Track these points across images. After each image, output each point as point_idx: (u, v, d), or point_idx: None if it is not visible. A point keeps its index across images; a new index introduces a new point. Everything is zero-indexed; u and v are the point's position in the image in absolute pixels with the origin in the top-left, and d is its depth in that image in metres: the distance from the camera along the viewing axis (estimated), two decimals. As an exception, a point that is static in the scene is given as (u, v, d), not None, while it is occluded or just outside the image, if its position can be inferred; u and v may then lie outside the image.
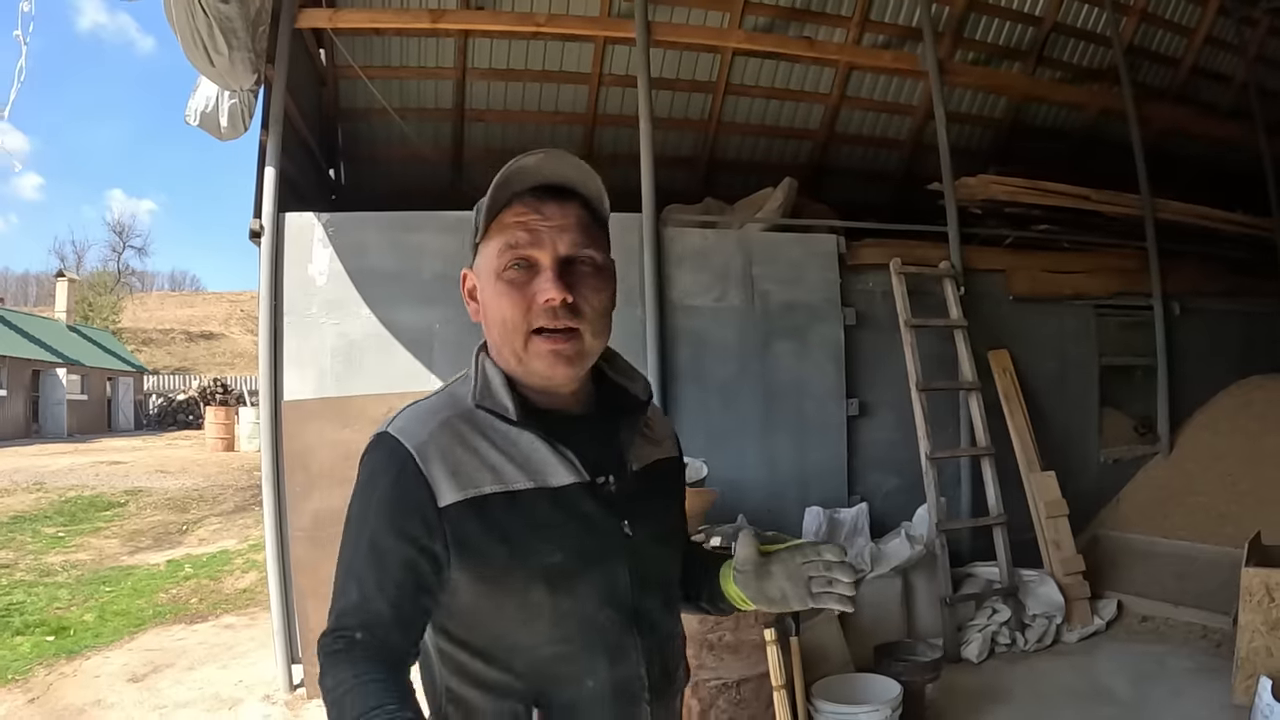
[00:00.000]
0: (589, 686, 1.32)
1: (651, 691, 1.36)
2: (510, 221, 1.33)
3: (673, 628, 1.47)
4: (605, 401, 1.46)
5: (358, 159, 8.77)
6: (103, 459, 18.12)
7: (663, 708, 1.41)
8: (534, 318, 1.30)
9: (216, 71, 5.10)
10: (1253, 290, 8.70)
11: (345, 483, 4.70)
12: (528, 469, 1.32)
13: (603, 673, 1.32)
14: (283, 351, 5.47)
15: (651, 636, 1.38)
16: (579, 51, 8.23)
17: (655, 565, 1.40)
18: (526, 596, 1.28)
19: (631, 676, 1.35)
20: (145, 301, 54.93)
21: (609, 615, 1.33)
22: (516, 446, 1.33)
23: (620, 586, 1.34)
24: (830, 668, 4.60)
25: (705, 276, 6.11)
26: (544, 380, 1.35)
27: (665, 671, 1.41)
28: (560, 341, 1.30)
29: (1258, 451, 7.15)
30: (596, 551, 1.33)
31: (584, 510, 1.32)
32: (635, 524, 1.36)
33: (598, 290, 1.34)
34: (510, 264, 1.32)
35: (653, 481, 1.45)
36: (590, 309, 1.32)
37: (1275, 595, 4.58)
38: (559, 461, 1.33)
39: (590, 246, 1.35)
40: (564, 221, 1.33)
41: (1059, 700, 4.96)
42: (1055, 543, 6.27)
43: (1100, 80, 9.62)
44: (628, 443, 1.42)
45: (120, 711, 5.13)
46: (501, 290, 1.32)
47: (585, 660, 1.32)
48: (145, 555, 9.65)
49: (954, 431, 6.63)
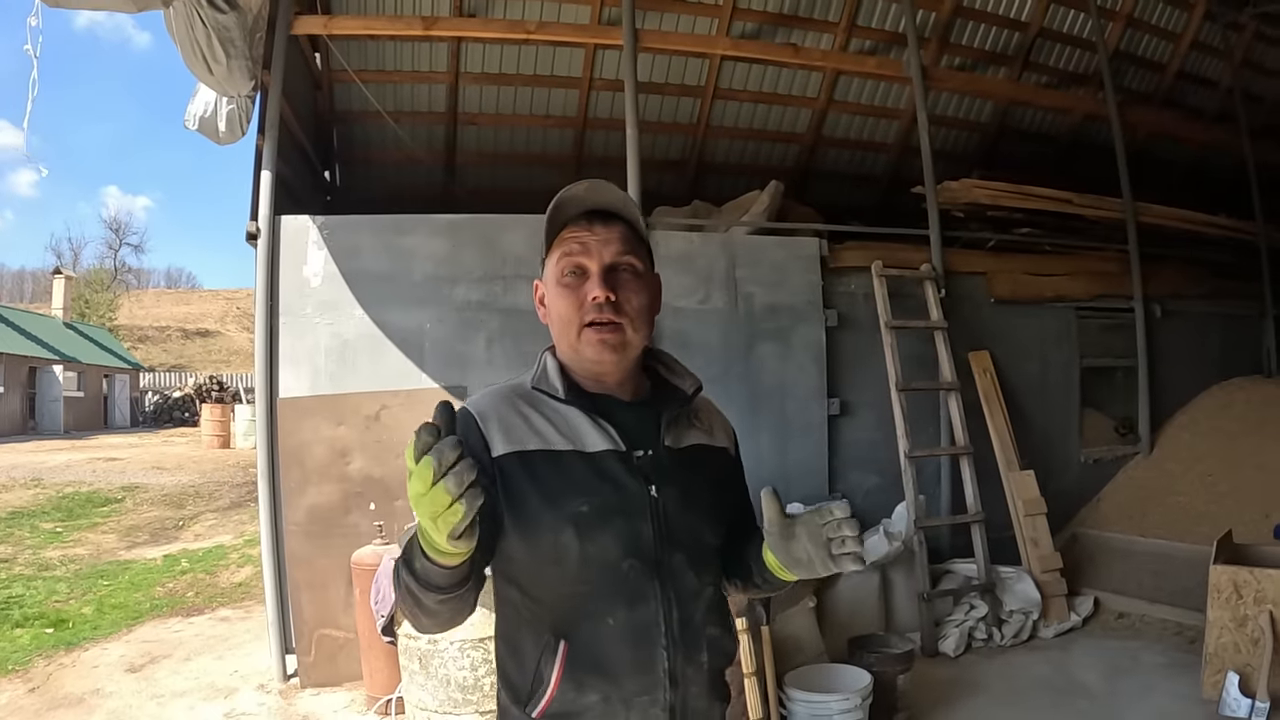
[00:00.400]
0: (609, 625, 1.52)
1: (669, 637, 1.55)
2: (567, 237, 1.61)
3: (699, 586, 1.62)
4: (657, 395, 1.71)
5: (351, 161, 8.89)
6: (99, 455, 18.16)
7: (687, 661, 1.58)
8: (585, 313, 1.57)
9: (215, 79, 5.22)
10: (1234, 293, 8.82)
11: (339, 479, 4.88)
12: (569, 435, 1.58)
13: (622, 614, 1.53)
14: (278, 350, 5.58)
15: (673, 588, 1.57)
16: (569, 56, 8.37)
17: (682, 528, 1.59)
18: (557, 539, 1.51)
19: (650, 621, 1.54)
20: (141, 299, 54.75)
21: (631, 564, 1.53)
22: (563, 418, 1.59)
23: (644, 540, 1.55)
24: (804, 658, 4.72)
25: (689, 279, 6.22)
26: (594, 365, 1.61)
27: (687, 622, 1.58)
28: (606, 332, 1.56)
29: (1236, 453, 7.27)
30: (622, 508, 1.55)
31: (614, 473, 1.56)
32: (663, 490, 1.58)
33: (638, 292, 1.61)
34: (567, 271, 1.60)
35: (690, 460, 1.66)
36: (631, 307, 1.59)
37: (1243, 592, 4.68)
38: (597, 432, 1.58)
39: (631, 255, 1.61)
40: (609, 235, 1.60)
41: (1032, 693, 5.07)
42: (1033, 540, 6.39)
43: (1085, 85, 9.74)
44: (666, 425, 1.64)
45: (118, 700, 5.24)
46: (560, 293, 1.60)
47: (606, 602, 1.52)
48: (142, 550, 9.75)
49: (934, 431, 6.74)
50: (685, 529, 1.60)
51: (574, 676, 1.51)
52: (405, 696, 4.25)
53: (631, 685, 1.53)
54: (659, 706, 1.55)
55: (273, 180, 5.64)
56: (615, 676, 1.52)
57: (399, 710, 4.59)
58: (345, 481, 5.49)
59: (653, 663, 1.54)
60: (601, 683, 1.52)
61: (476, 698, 3.96)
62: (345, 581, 5.23)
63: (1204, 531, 6.52)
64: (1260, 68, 10.58)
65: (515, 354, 5.83)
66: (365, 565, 4.82)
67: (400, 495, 5.50)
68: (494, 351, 5.84)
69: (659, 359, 1.76)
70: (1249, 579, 4.69)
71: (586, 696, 1.52)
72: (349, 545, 5.16)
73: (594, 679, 1.52)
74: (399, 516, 5.34)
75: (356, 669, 5.16)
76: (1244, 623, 4.66)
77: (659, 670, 1.54)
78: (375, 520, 5.23)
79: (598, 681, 1.52)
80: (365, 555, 4.89)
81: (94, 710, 5.09)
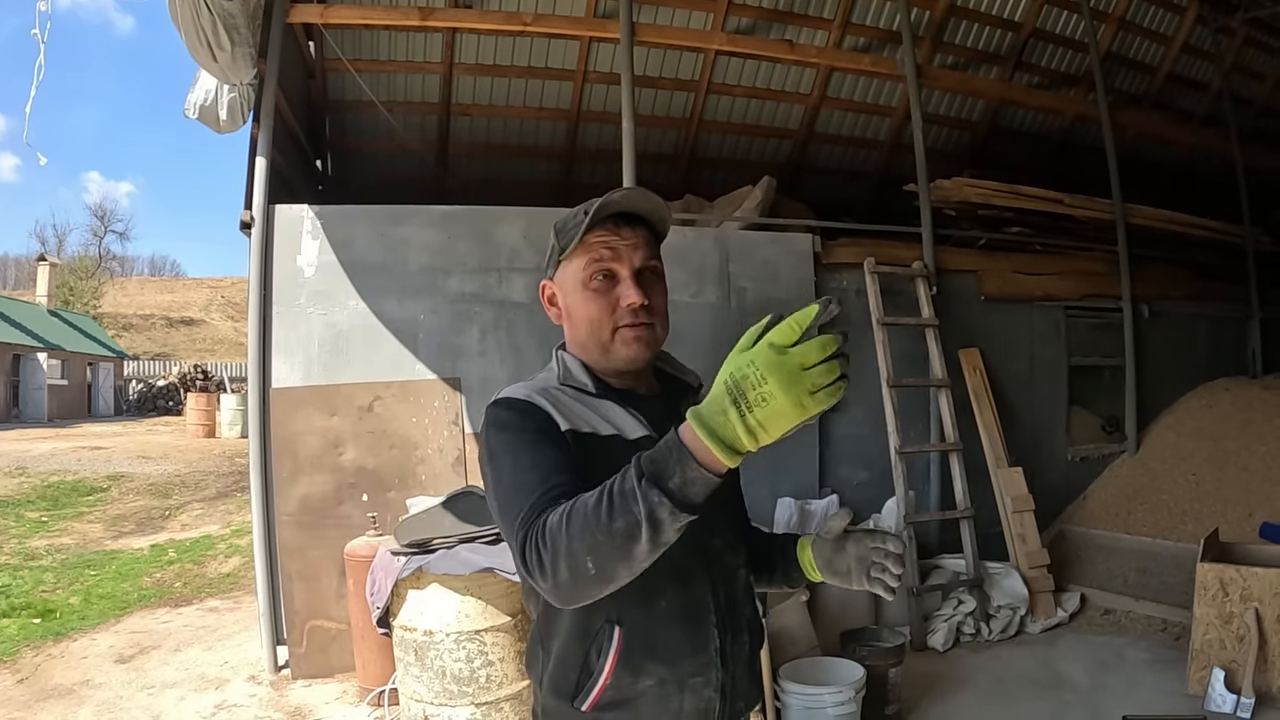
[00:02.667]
0: (661, 606, 1.55)
1: (719, 615, 1.60)
2: (594, 241, 1.61)
3: (736, 566, 1.68)
4: (665, 389, 1.77)
5: (344, 151, 8.87)
6: (84, 444, 18.05)
7: (734, 640, 1.62)
8: (619, 317, 1.61)
9: (219, 67, 5.20)
10: (1221, 295, 8.91)
11: (332, 469, 4.86)
12: (611, 422, 1.61)
13: (674, 595, 1.56)
14: (271, 340, 5.57)
15: (717, 567, 1.62)
16: (564, 49, 8.36)
17: (720, 511, 1.60)
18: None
19: (699, 601, 1.58)
20: (126, 286, 54.37)
21: (679, 545, 1.48)
22: (599, 409, 1.63)
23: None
24: (797, 651, 4.75)
25: (682, 273, 6.23)
26: (627, 363, 1.64)
27: (732, 602, 1.63)
28: (642, 330, 1.61)
29: (1221, 453, 7.34)
30: None
31: None
32: None
33: (661, 293, 1.67)
34: (596, 275, 1.62)
35: None
36: (658, 307, 1.65)
37: (1229, 589, 4.74)
38: (634, 421, 1.62)
39: (654, 258, 1.67)
40: (636, 240, 1.63)
41: (1020, 687, 5.12)
42: (1021, 536, 6.44)
43: (1076, 86, 9.80)
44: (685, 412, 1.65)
45: (109, 691, 5.22)
46: (589, 296, 1.62)
47: (657, 583, 1.51)
48: (129, 540, 9.72)
49: (924, 427, 6.79)
50: (719, 511, 1.60)
51: (629, 662, 1.52)
52: (400, 688, 4.26)
53: (687, 666, 1.55)
54: (712, 687, 1.58)
55: (267, 169, 5.62)
56: (671, 659, 1.54)
57: (392, 702, 4.59)
58: (338, 472, 5.49)
59: (706, 641, 1.58)
60: (658, 666, 1.53)
61: (472, 689, 3.97)
62: (337, 573, 5.23)
63: (1188, 530, 6.61)
64: (1250, 72, 10.67)
65: (509, 346, 5.83)
66: (359, 556, 4.82)
67: (393, 487, 5.52)
68: (488, 343, 5.84)
69: (661, 357, 1.79)
70: (1235, 577, 4.74)
71: (642, 682, 1.53)
72: (341, 536, 5.16)
73: (650, 663, 1.53)
74: (392, 508, 5.35)
75: (349, 660, 5.16)
76: (1230, 620, 4.72)
77: (711, 649, 1.58)
78: (368, 511, 5.23)
79: (654, 665, 1.53)
80: (359, 546, 4.89)
81: (84, 701, 5.07)
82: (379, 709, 4.72)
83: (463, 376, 5.75)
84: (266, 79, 5.79)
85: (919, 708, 4.85)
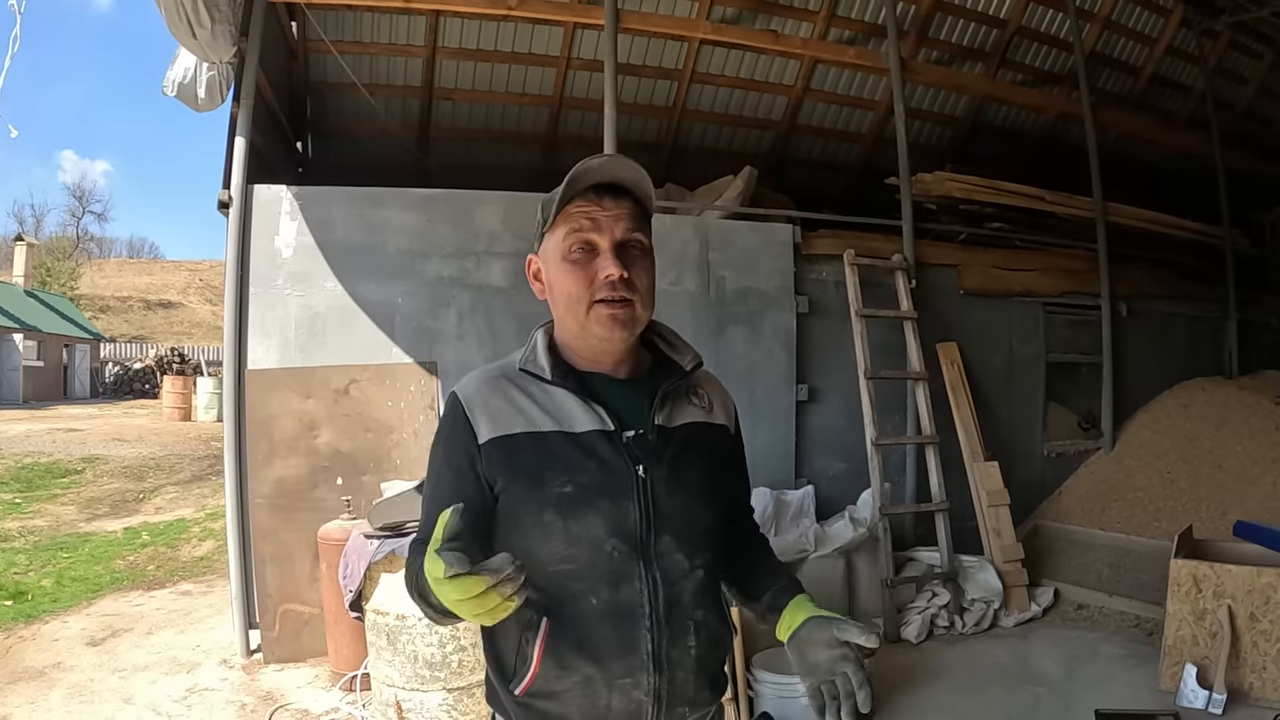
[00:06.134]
0: (592, 604, 1.52)
1: (653, 619, 1.53)
2: (574, 212, 1.57)
3: (688, 568, 1.59)
4: (656, 371, 1.70)
5: (325, 133, 8.80)
6: (59, 426, 17.91)
7: (673, 644, 1.56)
8: (596, 290, 1.55)
9: (199, 44, 5.12)
10: (1199, 296, 8.97)
11: (307, 452, 4.83)
12: (555, 416, 1.57)
13: (605, 594, 1.52)
14: (248, 321, 5.52)
15: (659, 569, 1.55)
16: (548, 34, 8.32)
17: (671, 508, 1.57)
18: (541, 517, 1.52)
19: (633, 602, 1.53)
20: (104, 268, 53.88)
21: (615, 544, 1.52)
22: (550, 399, 1.59)
23: (629, 521, 1.54)
24: (771, 641, 4.76)
25: (662, 261, 6.09)
26: (602, 341, 1.59)
27: (674, 603, 1.56)
28: (618, 308, 1.54)
29: (1196, 451, 7.39)
30: (606, 488, 1.54)
31: (600, 452, 1.55)
32: (652, 470, 1.57)
33: (646, 270, 1.60)
34: (575, 246, 1.57)
35: (686, 439, 1.65)
36: (640, 284, 1.58)
37: (1202, 586, 4.76)
38: (585, 413, 1.57)
39: (639, 232, 1.60)
40: (619, 211, 1.58)
41: (993, 680, 5.13)
42: (996, 530, 6.47)
43: (1060, 85, 9.83)
44: (659, 402, 1.63)
45: (80, 674, 5.16)
46: (567, 269, 1.57)
47: (590, 580, 1.52)
48: (102, 522, 9.64)
49: (901, 420, 6.81)
50: (675, 510, 1.58)
51: (556, 655, 1.51)
52: (371, 672, 4.24)
53: (615, 666, 1.52)
54: (642, 690, 1.54)
55: (246, 149, 5.55)
56: (598, 657, 1.51)
57: (364, 686, 4.57)
58: (313, 455, 5.45)
59: (636, 643, 1.53)
60: (584, 663, 1.51)
61: (444, 674, 3.95)
62: (311, 556, 5.20)
63: (1162, 527, 6.66)
64: (1233, 75, 10.75)
65: (486, 330, 5.81)
66: (332, 540, 4.79)
67: (368, 471, 5.49)
68: (465, 327, 5.81)
69: (659, 332, 1.74)
70: (1209, 574, 4.77)
71: (569, 677, 1.52)
72: (315, 519, 5.12)
73: (577, 659, 1.51)
74: (366, 491, 5.31)
75: (321, 645, 5.13)
76: (1203, 616, 4.75)
77: (642, 651, 1.53)
78: (343, 495, 5.20)
79: (580, 662, 1.51)
80: (332, 530, 4.86)
81: (55, 684, 5.01)
82: (351, 693, 4.69)
83: (439, 360, 5.72)
84: (248, 57, 5.72)
85: (892, 699, 4.84)
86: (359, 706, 4.57)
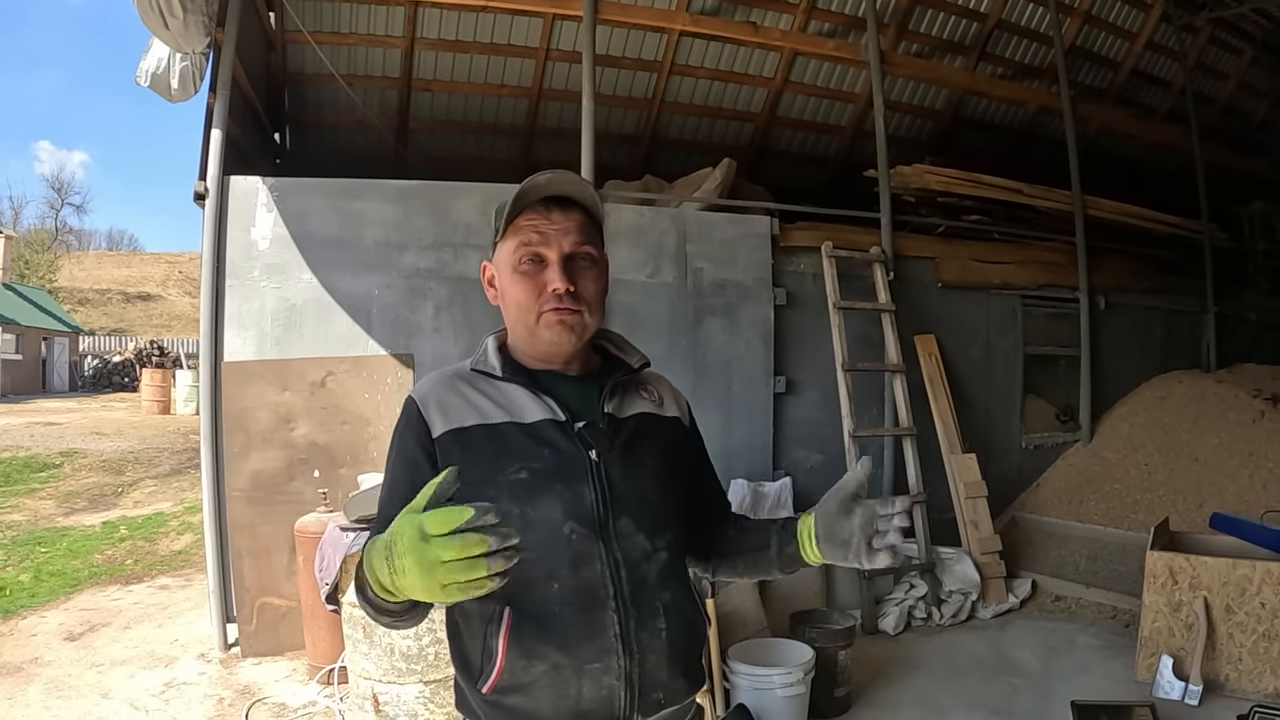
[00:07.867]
0: (554, 589, 1.52)
1: (619, 599, 1.53)
2: (524, 224, 1.62)
3: (650, 549, 1.60)
4: (604, 370, 1.74)
5: (303, 124, 8.75)
6: (37, 420, 17.78)
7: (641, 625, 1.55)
8: (544, 302, 1.60)
9: (171, 34, 5.09)
10: (1177, 289, 9.02)
11: (284, 445, 4.81)
12: (507, 409, 1.62)
13: (566, 576, 1.52)
14: (224, 313, 5.48)
15: (620, 550, 1.56)
16: (527, 26, 8.29)
17: (627, 491, 1.59)
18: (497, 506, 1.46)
19: (595, 583, 1.53)
20: (82, 261, 53.43)
21: (573, 527, 1.54)
22: (502, 394, 1.64)
23: (584, 503, 1.55)
24: (748, 633, 4.76)
25: (640, 253, 6.20)
26: (552, 346, 1.64)
27: (639, 584, 1.56)
28: (566, 314, 1.60)
29: (1173, 444, 7.44)
30: (560, 472, 1.56)
31: (552, 439, 1.59)
32: (605, 455, 1.60)
33: (594, 280, 1.65)
34: (524, 259, 1.62)
35: (636, 429, 1.69)
36: (588, 294, 1.63)
37: (1179, 578, 4.81)
38: (536, 404, 1.62)
39: (588, 244, 1.64)
40: (567, 224, 1.63)
41: (970, 671, 5.17)
42: (974, 522, 6.51)
43: (1040, 78, 9.86)
44: (608, 393, 1.68)
45: (57, 669, 5.13)
46: (517, 280, 1.62)
47: (551, 565, 1.52)
48: (81, 517, 9.56)
49: (878, 412, 6.81)
50: (630, 492, 1.59)
51: (521, 644, 1.49)
52: (348, 665, 4.22)
53: (583, 651, 1.50)
54: (612, 675, 1.51)
55: (223, 140, 5.50)
56: (565, 642, 1.50)
57: (341, 680, 4.55)
58: (289, 448, 5.43)
59: (603, 625, 1.52)
60: (551, 650, 1.50)
61: (421, 667, 3.94)
62: (288, 549, 5.18)
63: (1139, 519, 6.71)
64: (1212, 70, 10.84)
65: (463, 322, 5.79)
66: (309, 533, 4.77)
67: (345, 463, 5.47)
68: (442, 319, 5.80)
69: (608, 338, 1.79)
70: (1185, 565, 4.81)
71: (535, 666, 1.50)
72: (292, 512, 5.11)
73: (543, 647, 1.49)
74: (343, 484, 5.30)
75: (298, 638, 5.11)
76: (1179, 608, 4.80)
77: (610, 633, 1.51)
78: (319, 488, 5.18)
79: (547, 650, 1.49)
80: (309, 523, 4.84)
81: (33, 679, 4.98)
82: (328, 686, 4.68)
83: (416, 353, 5.70)
84: (224, 48, 5.67)
85: (869, 690, 4.87)
86: (336, 700, 4.56)
